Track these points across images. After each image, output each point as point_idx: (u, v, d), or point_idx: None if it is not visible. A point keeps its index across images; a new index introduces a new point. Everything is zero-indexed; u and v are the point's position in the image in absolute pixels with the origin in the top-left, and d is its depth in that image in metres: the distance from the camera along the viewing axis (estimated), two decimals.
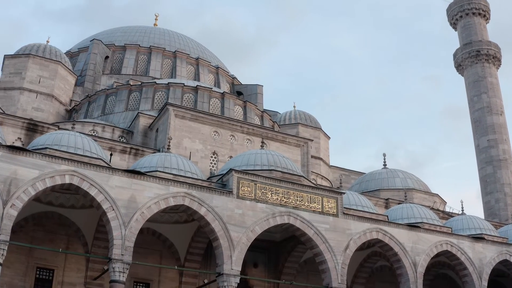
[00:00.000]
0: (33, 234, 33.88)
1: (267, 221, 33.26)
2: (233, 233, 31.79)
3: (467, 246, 39.13)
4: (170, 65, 61.01)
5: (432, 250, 37.82)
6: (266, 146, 44.65)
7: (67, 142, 31.62)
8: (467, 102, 57.13)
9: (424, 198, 53.37)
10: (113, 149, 39.88)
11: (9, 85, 50.05)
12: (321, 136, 61.38)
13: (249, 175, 33.64)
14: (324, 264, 34.31)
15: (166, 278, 36.45)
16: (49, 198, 33.83)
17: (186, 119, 42.59)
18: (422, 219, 40.42)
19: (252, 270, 39.23)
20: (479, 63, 57.04)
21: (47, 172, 28.74)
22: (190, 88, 49.64)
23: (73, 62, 60.48)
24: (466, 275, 38.81)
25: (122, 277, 28.80)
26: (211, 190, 32.30)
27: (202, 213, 31.59)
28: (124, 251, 28.95)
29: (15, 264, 32.87)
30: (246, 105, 51.64)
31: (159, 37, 64.91)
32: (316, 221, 34.55)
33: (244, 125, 45.01)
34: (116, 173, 30.17)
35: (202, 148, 42.23)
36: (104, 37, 63.34)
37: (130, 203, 29.85)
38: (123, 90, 50.04)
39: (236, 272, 31.38)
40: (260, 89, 64.89)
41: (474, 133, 55.28)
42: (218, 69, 64.68)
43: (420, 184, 55.66)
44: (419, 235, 37.70)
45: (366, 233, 36.15)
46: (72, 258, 34.21)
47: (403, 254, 36.64)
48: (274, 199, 33.81)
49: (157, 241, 36.87)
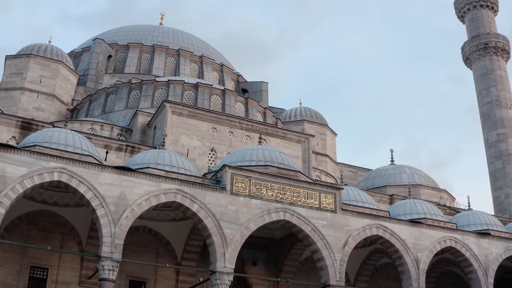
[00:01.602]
0: (27, 233, 33.60)
1: (262, 218, 32.55)
2: (226, 230, 31.15)
3: (472, 242, 38.01)
4: (173, 64, 60.55)
5: (435, 246, 36.80)
6: (266, 142, 43.97)
7: (57, 140, 31.20)
8: (476, 96, 55.81)
9: (431, 194, 52.29)
10: (109, 146, 39.46)
11: (10, 85, 49.98)
12: (328, 132, 60.46)
13: (243, 171, 32.95)
14: (322, 262, 33.49)
15: (163, 277, 35.91)
16: (43, 197, 33.53)
17: (184, 116, 42.02)
18: (425, 214, 39.35)
19: (251, 268, 38.54)
20: (487, 56, 55.73)
21: (35, 169, 28.40)
22: (191, 85, 49.12)
23: (77, 62, 60.41)
24: (472, 272, 37.70)
25: (111, 275, 28.36)
26: (203, 187, 31.69)
27: (194, 209, 31.00)
28: (113, 248, 28.48)
29: (9, 263, 32.62)
30: (247, 102, 50.97)
31: (162, 35, 64.48)
32: (313, 217, 33.74)
33: (243, 121, 44.31)
34: (105, 170, 29.73)
35: (200, 145, 41.65)
36: (107, 37, 63.11)
37: (120, 200, 29.37)
38: (123, 88, 49.71)
39: (230, 269, 30.71)
40: (265, 86, 64.27)
41: (483, 128, 53.99)
42: (223, 67, 64.10)
43: (428, 180, 54.58)
44: (422, 231, 36.70)
45: (366, 230, 35.26)
46: (67, 257, 33.86)
47: (404, 251, 35.68)
48: (269, 195, 33.09)
49: (154, 239, 36.38)
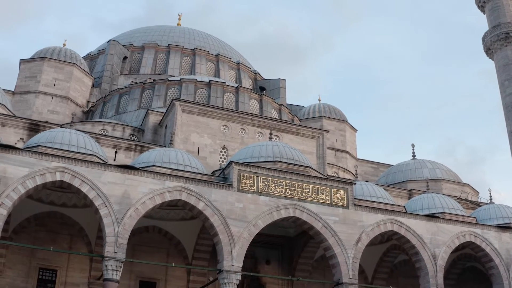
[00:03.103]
0: (35, 235, 33.51)
1: (271, 215, 31.73)
2: (233, 228, 30.43)
3: (493, 236, 36.50)
4: (189, 63, 60.12)
5: (454, 241, 35.44)
6: (279, 138, 43.15)
7: (61, 140, 30.99)
8: (498, 87, 53.89)
9: (453, 189, 50.71)
10: (118, 146, 39.13)
11: (25, 89, 50.25)
12: (347, 128, 59.31)
13: (250, 167, 32.20)
14: (334, 259, 32.51)
15: (173, 277, 35.44)
16: (51, 198, 33.41)
17: (194, 114, 41.43)
18: (443, 209, 38.04)
19: (264, 267, 37.79)
20: (508, 46, 53.73)
21: (37, 169, 28.18)
22: (203, 84, 48.56)
23: (93, 65, 60.52)
24: (493, 267, 36.23)
25: (115, 276, 27.92)
26: (209, 184, 31.03)
27: (200, 207, 30.37)
28: (117, 248, 28.06)
29: (17, 265, 32.55)
30: (262, 99, 50.16)
31: (178, 35, 64.14)
32: (324, 213, 32.78)
33: (255, 118, 43.50)
34: (108, 169, 29.35)
35: (211, 142, 41.00)
36: (123, 38, 63.06)
37: (124, 199, 28.93)
38: (135, 88, 49.43)
39: (237, 268, 29.97)
40: (282, 83, 63.32)
41: (506, 119, 51.98)
42: (239, 65, 63.40)
43: (450, 174, 53.00)
44: (439, 226, 35.37)
45: (380, 225, 34.14)
46: (76, 258, 33.65)
47: (421, 246, 34.42)
48: (278, 191, 32.25)
49: (164, 239, 35.92)
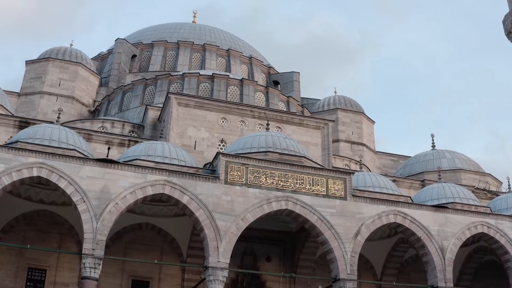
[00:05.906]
0: (24, 234, 32.81)
1: (261, 208, 30.08)
2: (220, 222, 28.94)
3: (508, 227, 33.87)
4: (199, 59, 58.85)
5: (464, 233, 33.01)
6: (282, 130, 41.41)
7: (42, 135, 30.18)
8: None
9: (473, 179, 47.85)
10: (111, 142, 38.09)
11: (30, 90, 49.96)
12: (364, 120, 57.11)
13: (239, 158, 30.63)
14: (331, 254, 30.63)
15: (167, 276, 34.21)
16: (40, 196, 32.75)
17: (191, 107, 40.05)
18: (454, 198, 35.62)
19: (264, 264, 36.17)
20: None
21: (14, 165, 27.46)
22: (206, 77, 47.20)
23: (103, 64, 59.96)
24: (509, 260, 33.65)
25: (94, 273, 26.83)
26: (194, 177, 29.62)
27: (184, 201, 29.00)
28: (95, 245, 26.95)
29: (6, 265, 31.99)
30: (268, 91, 48.49)
31: (188, 31, 62.95)
32: (320, 205, 30.93)
33: (255, 109, 41.80)
34: (87, 163, 28.32)
35: (208, 136, 39.54)
36: (133, 37, 62.34)
37: (103, 194, 27.83)
38: (138, 85, 48.45)
39: (224, 264, 28.46)
40: (296, 76, 61.46)
41: None
42: (252, 59, 61.72)
43: (470, 164, 50.16)
44: (448, 217, 33.00)
45: (382, 217, 32.04)
46: (65, 257, 32.87)
47: (427, 239, 32.16)
48: (269, 183, 30.59)
49: (157, 236, 34.73)
